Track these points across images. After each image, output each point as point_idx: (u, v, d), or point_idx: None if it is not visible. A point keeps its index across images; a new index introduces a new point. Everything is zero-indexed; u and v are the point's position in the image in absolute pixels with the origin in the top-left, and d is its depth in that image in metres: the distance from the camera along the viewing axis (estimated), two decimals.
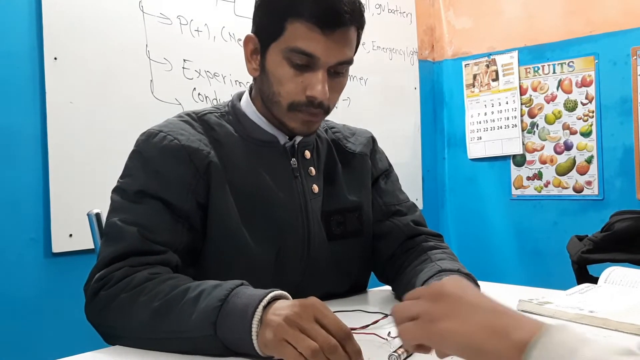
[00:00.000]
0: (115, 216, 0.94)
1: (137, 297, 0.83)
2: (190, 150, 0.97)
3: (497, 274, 2.83)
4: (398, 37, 3.02)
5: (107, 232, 0.95)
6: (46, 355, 0.97)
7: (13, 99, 1.73)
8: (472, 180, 3.15)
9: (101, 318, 0.87)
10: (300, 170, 1.07)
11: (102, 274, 0.88)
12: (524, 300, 1.01)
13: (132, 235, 0.90)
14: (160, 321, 0.80)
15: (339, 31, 0.95)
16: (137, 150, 1.00)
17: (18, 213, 1.73)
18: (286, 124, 1.02)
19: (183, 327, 0.78)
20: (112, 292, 0.86)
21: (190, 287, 0.82)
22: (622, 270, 1.18)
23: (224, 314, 0.75)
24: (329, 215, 1.09)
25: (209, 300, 0.77)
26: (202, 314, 0.77)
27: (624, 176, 2.61)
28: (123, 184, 0.98)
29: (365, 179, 1.17)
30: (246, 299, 0.75)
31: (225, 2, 2.22)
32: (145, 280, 0.85)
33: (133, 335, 0.83)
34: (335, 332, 0.69)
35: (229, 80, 2.21)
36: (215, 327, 0.75)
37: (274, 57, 0.98)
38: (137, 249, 0.90)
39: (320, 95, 0.96)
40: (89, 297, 0.89)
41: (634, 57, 2.55)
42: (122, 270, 0.88)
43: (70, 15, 1.82)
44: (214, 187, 0.98)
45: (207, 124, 1.04)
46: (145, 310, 0.81)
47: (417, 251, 1.10)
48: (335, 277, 1.10)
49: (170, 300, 0.81)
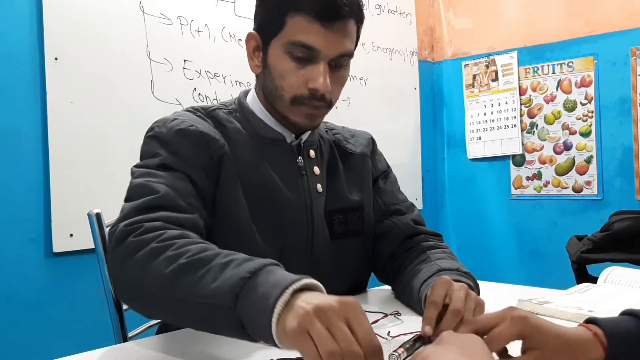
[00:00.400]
0: (139, 179, 0.91)
1: (165, 250, 0.78)
2: (208, 137, 0.98)
3: (497, 274, 2.83)
4: (398, 38, 3.02)
5: (132, 193, 0.90)
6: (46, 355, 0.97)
7: (14, 99, 1.73)
8: (472, 180, 3.15)
9: (125, 266, 0.81)
10: (305, 168, 1.08)
11: (133, 221, 0.84)
12: (524, 300, 1.01)
13: (164, 189, 0.88)
14: (181, 278, 0.74)
15: (338, 23, 0.96)
16: (153, 135, 0.98)
17: (19, 213, 1.73)
18: (290, 119, 1.03)
19: (203, 291, 0.71)
20: (142, 239, 0.80)
21: (221, 253, 0.76)
22: (621, 270, 1.18)
23: (250, 287, 0.67)
24: (331, 215, 1.09)
25: (237, 270, 0.71)
26: (227, 282, 0.70)
27: (623, 176, 2.61)
28: (143, 163, 0.96)
29: (367, 179, 1.18)
30: (278, 277, 0.67)
31: (225, 3, 2.22)
32: (177, 236, 0.81)
33: (150, 290, 0.77)
34: (364, 342, 0.60)
35: (229, 81, 2.22)
36: (237, 299, 0.67)
37: (275, 52, 1.00)
38: (168, 203, 0.87)
39: (322, 87, 0.97)
40: (115, 242, 0.83)
41: (633, 58, 2.55)
42: (156, 223, 0.83)
43: (70, 16, 1.82)
44: (223, 180, 0.98)
45: (216, 120, 1.04)
46: (170, 265, 0.76)
47: (416, 250, 1.11)
48: (336, 276, 1.11)
49: (198, 260, 0.75)
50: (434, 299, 0.83)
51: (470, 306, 0.83)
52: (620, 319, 0.65)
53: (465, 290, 0.86)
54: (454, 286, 0.85)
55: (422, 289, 0.95)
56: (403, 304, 1.08)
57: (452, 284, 0.86)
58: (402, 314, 0.98)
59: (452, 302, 0.82)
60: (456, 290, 0.84)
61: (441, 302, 0.82)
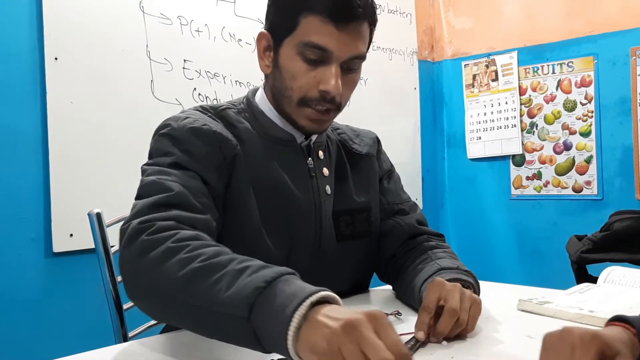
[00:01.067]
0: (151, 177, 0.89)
1: (179, 252, 0.75)
2: (221, 137, 0.96)
3: (497, 274, 2.83)
4: (398, 38, 3.02)
5: (144, 190, 0.87)
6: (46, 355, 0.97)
7: (14, 99, 1.73)
8: (472, 180, 3.15)
9: (137, 265, 0.78)
10: (315, 170, 1.07)
11: (146, 219, 0.81)
12: (524, 300, 1.01)
13: (177, 188, 0.86)
14: (194, 284, 0.71)
15: (352, 25, 0.95)
16: (166, 133, 0.96)
17: (19, 213, 1.73)
18: (296, 121, 1.02)
19: (216, 299, 0.68)
20: (156, 238, 0.78)
21: (236, 258, 0.73)
22: (621, 269, 1.18)
23: (266, 298, 0.65)
24: (338, 216, 1.09)
25: (253, 278, 0.68)
26: (241, 291, 0.67)
27: (623, 176, 2.61)
28: (156, 161, 0.93)
29: (373, 180, 1.17)
30: (295, 289, 0.65)
31: (225, 2, 2.22)
32: (191, 237, 0.78)
33: (163, 293, 0.74)
34: (395, 353, 0.58)
35: (229, 81, 2.22)
36: (251, 309, 0.65)
37: (287, 52, 0.98)
38: (182, 202, 0.85)
39: (334, 89, 0.96)
40: (127, 240, 0.80)
41: (633, 57, 2.55)
42: (169, 222, 0.81)
43: (70, 16, 1.82)
44: (235, 181, 0.97)
45: (226, 120, 1.02)
46: (184, 268, 0.73)
47: (418, 251, 1.11)
48: (340, 276, 1.11)
49: (212, 265, 0.72)
50: (426, 304, 0.83)
51: (466, 305, 0.84)
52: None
53: (460, 289, 0.85)
54: (447, 287, 0.85)
55: (422, 289, 0.95)
56: (404, 303, 1.08)
57: (444, 285, 0.86)
58: (402, 313, 0.98)
59: (447, 303, 0.82)
60: (450, 291, 0.84)
61: (434, 307, 0.83)
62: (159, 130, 0.98)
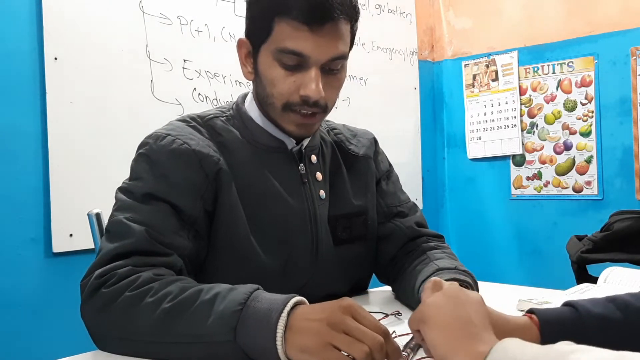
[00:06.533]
0: (120, 214, 0.89)
1: (143, 297, 0.78)
2: (201, 155, 0.94)
3: (497, 274, 2.83)
4: (398, 38, 3.02)
5: (111, 229, 0.89)
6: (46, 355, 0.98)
7: (13, 99, 1.73)
8: (472, 180, 3.15)
9: (100, 318, 0.81)
10: (308, 175, 1.05)
11: (104, 270, 0.83)
12: (524, 300, 1.01)
13: (139, 233, 0.85)
14: (171, 323, 0.75)
15: (327, 26, 0.91)
16: (144, 153, 0.95)
17: (18, 213, 1.73)
18: (283, 127, 1.00)
19: (199, 331, 0.73)
20: (115, 289, 0.80)
21: (202, 288, 0.78)
22: (621, 270, 1.18)
23: (245, 318, 0.72)
24: (335, 220, 1.07)
25: (227, 303, 0.74)
26: (220, 318, 0.73)
27: (623, 176, 2.61)
28: (130, 186, 0.93)
29: (370, 182, 1.16)
30: (268, 304, 0.72)
31: (225, 2, 2.22)
32: (150, 280, 0.81)
33: (136, 339, 0.78)
34: (377, 331, 0.68)
35: (229, 80, 2.22)
36: (235, 332, 0.72)
37: (264, 59, 0.96)
38: (143, 248, 0.85)
39: (314, 94, 0.93)
40: (87, 293, 0.83)
41: (634, 57, 2.55)
42: (126, 268, 0.82)
43: (70, 16, 1.82)
44: (222, 196, 0.95)
45: (213, 129, 1.01)
46: (154, 312, 0.76)
47: (417, 252, 1.11)
48: (339, 278, 1.10)
49: (182, 301, 0.76)
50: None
51: None
52: (556, 308, 0.74)
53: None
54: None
55: (420, 290, 0.95)
56: (403, 304, 1.08)
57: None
58: (402, 314, 0.98)
59: None
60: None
61: None
62: (139, 148, 0.98)
